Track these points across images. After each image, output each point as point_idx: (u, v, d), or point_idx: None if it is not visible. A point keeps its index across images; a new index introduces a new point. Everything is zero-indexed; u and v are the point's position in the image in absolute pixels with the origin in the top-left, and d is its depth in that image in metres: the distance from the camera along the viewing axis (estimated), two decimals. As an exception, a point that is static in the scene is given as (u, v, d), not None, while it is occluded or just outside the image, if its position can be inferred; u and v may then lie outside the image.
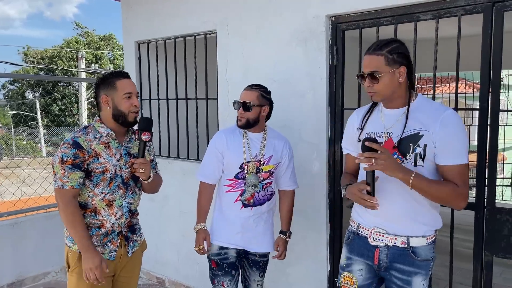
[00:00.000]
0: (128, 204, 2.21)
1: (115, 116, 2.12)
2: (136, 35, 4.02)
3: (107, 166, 2.11)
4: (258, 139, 2.46)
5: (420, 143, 1.81)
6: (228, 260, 2.46)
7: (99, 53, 26.68)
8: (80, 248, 2.06)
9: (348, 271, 2.02)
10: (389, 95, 1.87)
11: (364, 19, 2.65)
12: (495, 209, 2.30)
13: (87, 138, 2.09)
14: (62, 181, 2.02)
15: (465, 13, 2.32)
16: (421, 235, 1.88)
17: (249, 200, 2.42)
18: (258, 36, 3.14)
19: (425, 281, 1.89)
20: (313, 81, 2.88)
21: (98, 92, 2.16)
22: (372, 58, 1.83)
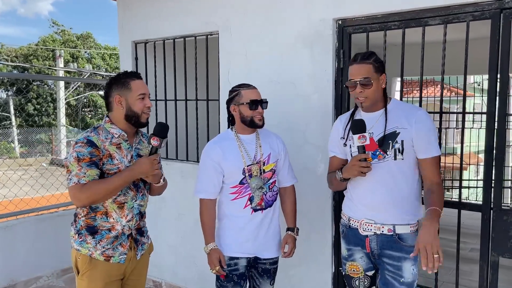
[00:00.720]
0: (139, 206, 2.20)
1: (128, 116, 2.11)
2: (133, 35, 3.96)
3: (120, 167, 2.09)
4: (252, 140, 2.40)
5: (398, 139, 2.07)
6: (238, 271, 2.37)
7: (76, 52, 26.16)
8: (126, 177, 2.04)
9: (352, 260, 2.24)
10: (375, 100, 2.12)
11: (371, 23, 2.68)
12: (502, 210, 2.36)
13: (99, 138, 2.06)
14: (78, 176, 1.97)
15: (473, 19, 2.38)
16: (405, 223, 2.11)
17: (260, 204, 2.35)
18: (262, 39, 3.14)
19: (414, 266, 2.09)
20: (319, 83, 2.89)
21: (110, 92, 2.13)
22: (362, 66, 2.08)
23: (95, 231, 2.09)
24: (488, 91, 2.38)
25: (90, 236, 2.09)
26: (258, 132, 2.44)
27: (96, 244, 2.09)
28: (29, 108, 23.23)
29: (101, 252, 2.09)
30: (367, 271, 2.22)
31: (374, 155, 2.10)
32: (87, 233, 2.09)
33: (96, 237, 2.09)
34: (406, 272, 2.07)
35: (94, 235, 2.09)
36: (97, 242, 2.09)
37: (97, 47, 27.86)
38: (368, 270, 2.22)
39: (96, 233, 2.09)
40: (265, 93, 2.58)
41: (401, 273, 2.07)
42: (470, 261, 4.26)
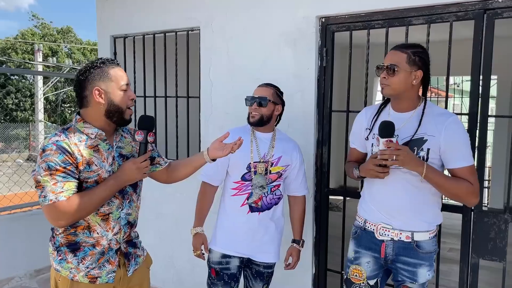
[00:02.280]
0: (126, 215, 1.86)
1: (109, 112, 1.76)
2: (112, 29, 3.85)
3: (101, 174, 1.74)
4: (267, 139, 2.37)
5: (424, 147, 1.91)
6: (229, 270, 2.34)
7: (55, 47, 25.64)
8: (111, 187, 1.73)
9: (357, 263, 2.12)
10: (399, 93, 1.95)
11: (355, 21, 2.65)
12: (483, 212, 2.35)
13: (71, 141, 1.69)
14: (55, 193, 1.61)
15: (456, 19, 2.36)
16: (425, 230, 2.00)
17: (257, 202, 2.30)
18: (244, 35, 3.08)
19: (430, 271, 2.02)
20: (302, 82, 2.85)
21: (85, 84, 1.74)
22: (396, 53, 1.94)
23: (77, 248, 1.76)
24: (470, 92, 2.37)
25: (71, 254, 1.76)
26: (276, 134, 2.41)
27: (79, 264, 1.76)
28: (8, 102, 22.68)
29: (85, 273, 1.77)
30: (370, 279, 2.10)
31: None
32: (67, 250, 1.76)
33: (78, 254, 1.76)
34: (421, 277, 2.00)
35: (75, 252, 1.76)
36: (79, 260, 1.76)
37: (78, 42, 27.37)
38: (371, 278, 2.10)
39: (78, 249, 1.76)
40: (247, 92, 2.53)
41: (416, 278, 2.00)
42: (449, 261, 4.28)
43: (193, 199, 2.53)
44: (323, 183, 2.86)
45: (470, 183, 1.88)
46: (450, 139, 1.88)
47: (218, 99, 3.25)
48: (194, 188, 2.52)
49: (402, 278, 2.02)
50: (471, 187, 1.88)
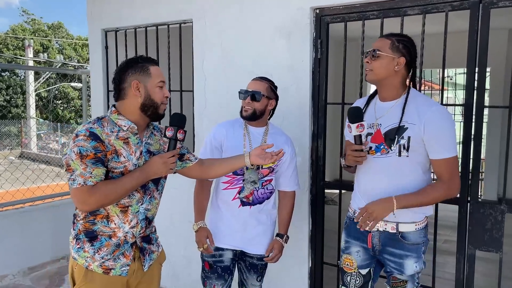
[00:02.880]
0: (145, 211, 1.89)
1: (144, 106, 1.82)
2: (103, 23, 3.79)
3: (127, 166, 1.79)
4: (260, 134, 2.35)
5: (404, 135, 1.92)
6: (222, 263, 2.34)
7: (46, 42, 25.38)
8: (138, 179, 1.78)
9: (347, 253, 2.15)
10: (381, 79, 1.98)
11: (350, 12, 2.62)
12: (479, 203, 2.35)
13: (104, 131, 1.76)
14: (84, 177, 1.68)
15: (452, 9, 2.34)
16: (410, 221, 1.99)
17: (248, 197, 2.30)
18: (238, 28, 3.04)
19: (417, 263, 2.00)
20: (296, 74, 2.82)
21: (124, 77, 1.82)
22: (382, 40, 1.99)
23: (94, 237, 1.81)
24: (466, 83, 2.35)
25: (88, 243, 1.81)
26: (269, 128, 2.38)
27: (95, 253, 1.81)
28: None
29: (99, 263, 1.81)
30: (361, 268, 2.12)
31: (378, 149, 1.97)
32: (85, 239, 1.81)
33: (95, 244, 1.81)
34: (407, 268, 1.99)
35: (92, 242, 1.81)
36: (95, 250, 1.81)
37: (69, 38, 27.10)
38: (362, 268, 2.12)
39: (95, 239, 1.81)
40: (241, 85, 2.50)
41: (402, 269, 2.00)
42: (444, 252, 4.30)
43: (187, 194, 2.50)
44: (319, 176, 2.84)
45: (443, 182, 1.91)
46: (431, 129, 1.87)
47: (212, 93, 3.21)
48: (189, 183, 2.48)
49: (390, 269, 2.03)
50: (444, 187, 1.91)
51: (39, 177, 4.66)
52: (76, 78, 19.69)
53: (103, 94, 3.91)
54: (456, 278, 2.46)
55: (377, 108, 2.03)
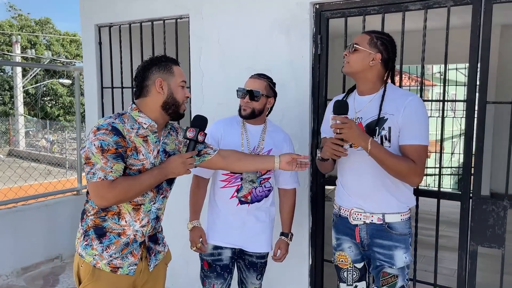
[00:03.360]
0: (157, 210, 1.90)
1: (166, 104, 1.82)
2: (96, 18, 3.72)
3: (145, 164, 1.79)
4: (258, 132, 2.31)
5: (385, 126, 1.96)
6: (221, 262, 2.31)
7: (34, 38, 25.01)
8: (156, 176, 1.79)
9: (340, 250, 2.18)
10: (356, 72, 2.03)
11: (350, 7, 2.59)
12: (481, 199, 2.34)
13: (125, 127, 1.74)
14: (105, 171, 1.67)
15: (454, 4, 2.32)
16: (396, 212, 2.02)
17: (247, 197, 2.27)
18: (235, 23, 3.00)
19: (406, 254, 2.02)
20: (296, 70, 2.79)
21: (147, 74, 1.83)
22: (362, 35, 2.04)
23: (103, 234, 1.79)
24: (468, 79, 2.35)
25: (97, 240, 1.79)
26: (267, 126, 2.35)
27: (103, 251, 1.79)
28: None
29: (107, 261, 1.79)
30: (356, 262, 2.15)
31: None
32: (94, 236, 1.80)
33: (104, 241, 1.79)
34: (398, 260, 2.00)
35: (101, 239, 1.79)
36: (104, 248, 1.79)
37: (57, 33, 26.74)
38: (357, 262, 2.15)
39: (104, 236, 1.79)
40: (240, 81, 2.45)
41: (392, 261, 2.00)
42: (441, 248, 4.30)
43: (184, 193, 2.46)
44: (319, 174, 2.82)
45: (413, 162, 1.89)
46: (407, 116, 1.91)
47: (209, 89, 3.16)
48: (185, 182, 2.44)
49: (381, 263, 2.02)
50: (413, 165, 1.89)
51: (31, 176, 4.58)
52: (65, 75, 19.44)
53: (97, 91, 3.84)
54: (458, 275, 2.45)
55: (356, 102, 2.06)
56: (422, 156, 1.92)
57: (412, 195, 2.09)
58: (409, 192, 2.07)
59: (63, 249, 4.21)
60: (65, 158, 12.95)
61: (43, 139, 17.92)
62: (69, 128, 19.75)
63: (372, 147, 1.85)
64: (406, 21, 2.51)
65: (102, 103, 3.86)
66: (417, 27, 2.96)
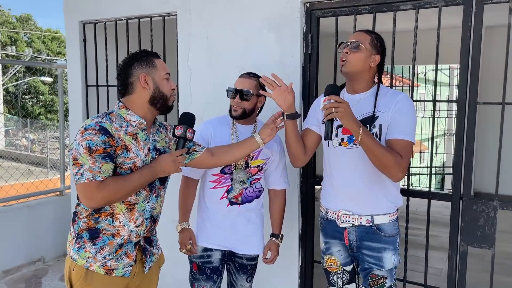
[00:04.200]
0: (151, 209, 1.86)
1: (154, 99, 1.79)
2: (81, 14, 3.63)
3: (136, 162, 1.76)
4: (248, 132, 2.27)
5: (376, 123, 1.96)
6: (211, 264, 2.27)
7: (14, 35, 24.51)
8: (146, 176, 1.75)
9: (329, 254, 2.16)
10: (357, 72, 2.00)
11: (341, 6, 2.57)
12: (472, 199, 2.35)
13: (113, 125, 1.71)
14: (93, 172, 1.63)
15: (445, 4, 2.32)
16: (384, 213, 2.01)
17: (237, 197, 2.23)
18: (225, 20, 2.95)
19: (395, 255, 2.03)
20: (286, 69, 2.76)
21: (130, 71, 1.79)
22: (361, 34, 2.01)
23: (97, 236, 1.75)
24: (459, 80, 2.35)
25: (90, 242, 1.75)
26: (257, 126, 2.30)
27: (96, 253, 1.75)
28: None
29: (101, 263, 1.75)
30: (345, 265, 2.14)
31: (351, 140, 1.98)
32: (86, 239, 1.75)
33: (97, 243, 1.75)
34: (387, 262, 2.00)
35: (94, 241, 1.75)
36: (97, 250, 1.75)
37: (38, 30, 26.26)
38: (346, 265, 2.14)
39: (97, 238, 1.75)
40: (229, 80, 2.42)
41: (381, 263, 2.00)
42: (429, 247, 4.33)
43: (172, 193, 2.40)
44: (309, 173, 2.80)
45: (400, 156, 1.86)
46: (397, 112, 1.92)
47: (198, 88, 3.11)
48: (173, 182, 2.38)
49: (369, 265, 2.02)
50: (399, 159, 1.85)
51: (12, 176, 4.45)
52: (47, 72, 19.09)
53: (81, 89, 3.75)
54: (448, 275, 2.46)
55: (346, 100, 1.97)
56: (408, 152, 1.90)
57: (400, 194, 2.08)
58: (396, 192, 2.06)
59: (45, 252, 4.11)
60: (47, 157, 12.71)
61: (23, 138, 17.57)
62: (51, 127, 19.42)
63: (363, 133, 1.81)
64: (391, 21, 2.50)
65: (86, 101, 3.77)
66: (401, 28, 2.97)
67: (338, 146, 2.02)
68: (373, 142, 1.83)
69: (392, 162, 1.83)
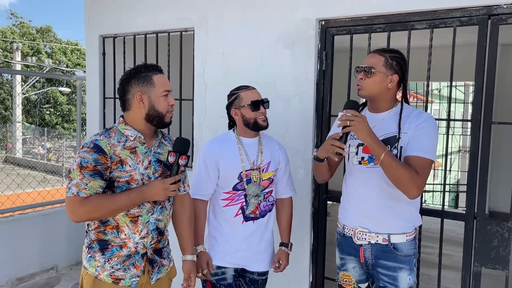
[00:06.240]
0: (156, 221, 1.88)
1: (149, 116, 1.83)
2: (101, 29, 3.72)
3: (133, 175, 1.80)
4: (254, 144, 2.26)
5: (397, 145, 1.94)
6: (225, 281, 2.24)
7: (35, 46, 25.08)
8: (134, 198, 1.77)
9: (344, 270, 2.14)
10: (374, 95, 1.98)
11: (356, 24, 2.60)
12: (486, 220, 2.32)
13: (109, 142, 1.77)
14: (79, 187, 1.70)
15: (460, 24, 2.33)
16: (401, 232, 1.98)
17: (255, 212, 2.22)
18: (240, 37, 3.00)
19: (411, 276, 1.98)
20: (300, 85, 2.79)
21: (128, 88, 1.83)
22: (374, 56, 1.98)
23: (106, 247, 1.81)
24: (473, 99, 2.35)
25: (99, 253, 1.81)
26: (261, 137, 2.31)
27: (105, 263, 1.80)
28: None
29: (109, 273, 1.80)
30: (360, 282, 2.11)
31: (371, 159, 1.96)
32: (97, 249, 1.82)
33: (106, 254, 1.81)
34: (402, 282, 1.96)
35: (104, 252, 1.81)
36: (106, 260, 1.80)
37: (57, 42, 26.82)
38: (361, 282, 2.11)
39: (107, 249, 1.81)
40: (244, 95, 2.44)
41: (396, 283, 1.97)
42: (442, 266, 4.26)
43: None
44: (321, 190, 2.80)
45: (416, 173, 1.83)
46: (419, 130, 1.89)
47: (212, 102, 3.16)
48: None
49: (384, 284, 1.99)
50: (416, 176, 1.82)
51: (29, 185, 4.54)
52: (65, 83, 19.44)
53: (99, 101, 3.83)
54: (461, 296, 2.42)
55: (368, 119, 1.96)
56: (426, 169, 1.87)
57: (419, 214, 2.06)
58: (415, 212, 2.04)
59: (58, 260, 4.16)
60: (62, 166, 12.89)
61: (39, 147, 17.86)
62: (67, 136, 19.71)
63: (385, 155, 1.79)
64: (406, 38, 2.52)
65: (104, 113, 3.85)
66: (416, 45, 2.98)
67: (358, 165, 2.00)
68: (387, 156, 1.81)
69: (407, 178, 1.81)
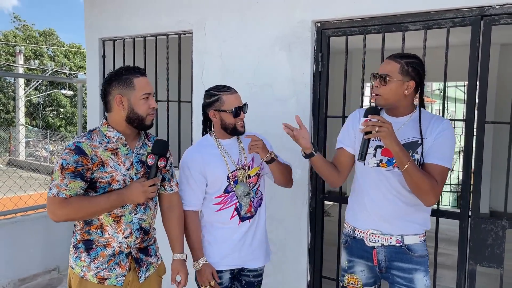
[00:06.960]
0: (139, 221, 1.90)
1: (130, 119, 1.85)
2: (101, 32, 3.77)
3: (115, 176, 1.82)
4: (233, 144, 2.24)
5: (418, 150, 1.92)
6: (222, 285, 2.23)
7: (38, 49, 25.22)
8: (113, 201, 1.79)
9: (351, 272, 2.09)
10: (392, 103, 1.95)
11: (351, 26, 2.63)
12: (480, 218, 2.35)
13: (91, 143, 1.81)
14: (59, 188, 1.74)
15: (453, 25, 2.36)
16: (414, 233, 1.97)
17: (250, 210, 2.22)
18: (238, 39, 3.04)
19: (426, 277, 1.96)
20: (297, 87, 2.82)
21: (109, 90, 1.85)
22: (390, 62, 1.93)
23: (91, 247, 1.84)
24: (467, 99, 2.37)
25: (85, 253, 1.85)
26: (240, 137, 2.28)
27: (90, 263, 1.84)
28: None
29: (95, 272, 1.83)
30: (366, 286, 2.07)
31: (390, 162, 1.94)
32: (82, 249, 1.85)
33: (91, 254, 1.84)
34: (418, 283, 1.94)
35: (89, 252, 1.84)
36: (91, 260, 1.84)
37: (60, 45, 26.96)
38: (367, 285, 2.07)
39: (92, 249, 1.84)
40: (241, 96, 2.47)
41: (413, 285, 1.94)
42: (440, 266, 4.27)
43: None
44: (318, 189, 2.83)
45: (436, 182, 1.84)
46: (440, 138, 1.89)
47: (211, 104, 3.18)
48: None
49: (400, 287, 1.96)
50: (436, 185, 1.84)
51: (31, 187, 4.58)
52: (67, 86, 19.54)
53: (99, 103, 3.87)
54: (456, 294, 2.44)
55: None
56: (444, 178, 1.88)
57: (429, 218, 2.03)
58: (427, 215, 2.02)
59: (60, 261, 4.19)
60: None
61: (42, 149, 17.94)
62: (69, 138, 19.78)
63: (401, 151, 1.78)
64: (405, 39, 2.55)
65: (104, 115, 3.88)
66: (415, 45, 3.00)
67: (376, 167, 1.97)
68: (411, 164, 1.80)
69: (428, 188, 1.82)
